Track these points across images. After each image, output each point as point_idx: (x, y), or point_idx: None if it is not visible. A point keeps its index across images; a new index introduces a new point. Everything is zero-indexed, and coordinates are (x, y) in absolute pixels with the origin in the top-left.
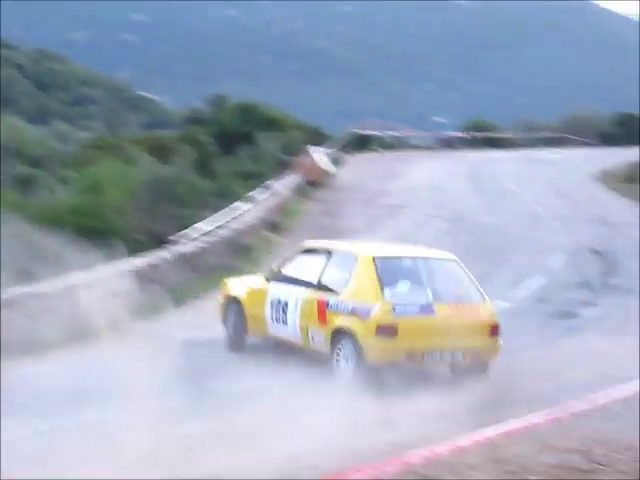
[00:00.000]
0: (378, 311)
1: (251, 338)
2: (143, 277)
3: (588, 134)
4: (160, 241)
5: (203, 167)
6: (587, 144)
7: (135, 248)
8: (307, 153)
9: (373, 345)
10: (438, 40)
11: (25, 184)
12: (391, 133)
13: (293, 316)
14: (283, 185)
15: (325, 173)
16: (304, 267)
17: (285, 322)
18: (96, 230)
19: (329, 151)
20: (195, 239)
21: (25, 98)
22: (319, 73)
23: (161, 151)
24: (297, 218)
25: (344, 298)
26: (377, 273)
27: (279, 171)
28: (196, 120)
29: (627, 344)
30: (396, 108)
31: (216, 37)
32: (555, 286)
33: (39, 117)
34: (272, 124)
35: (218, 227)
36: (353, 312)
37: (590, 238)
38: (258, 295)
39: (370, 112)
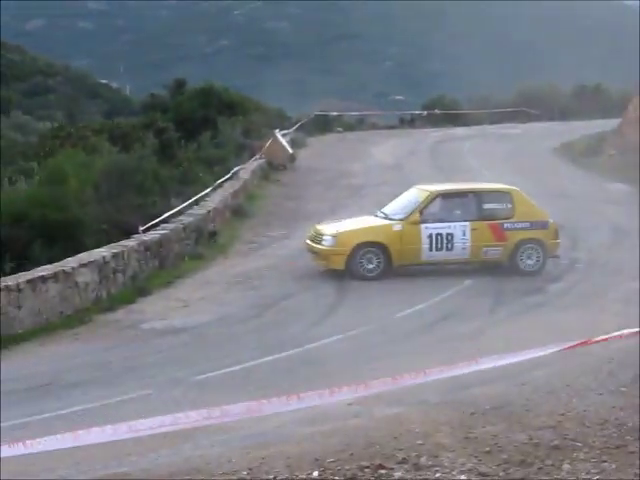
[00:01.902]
0: (552, 223)
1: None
2: (107, 268)
3: (546, 108)
4: (124, 230)
5: (165, 154)
6: (546, 118)
7: (99, 238)
8: (269, 136)
9: (551, 244)
10: (394, 19)
11: None
12: (352, 113)
13: (462, 242)
14: (246, 169)
15: (288, 156)
16: (448, 207)
17: (450, 248)
18: (59, 221)
19: (291, 133)
20: (158, 227)
21: None
22: (278, 55)
23: (122, 139)
24: (261, 202)
25: (517, 220)
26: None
27: (241, 155)
28: (156, 106)
29: (589, 318)
30: (356, 88)
31: (174, 22)
32: None
33: None
34: (232, 108)
35: (181, 214)
36: (532, 227)
37: (553, 212)
38: (409, 235)
39: (330, 93)
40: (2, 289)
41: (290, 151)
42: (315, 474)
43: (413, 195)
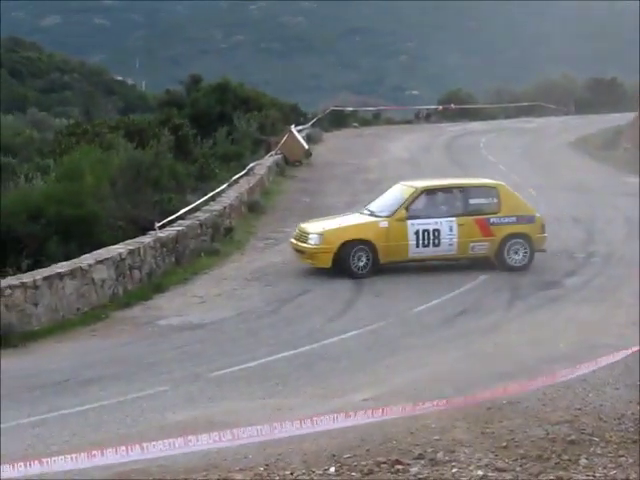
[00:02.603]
0: (538, 217)
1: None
2: (124, 264)
3: (562, 102)
4: (140, 227)
5: (181, 150)
6: (562, 112)
7: (115, 235)
8: (285, 132)
9: (538, 238)
10: (410, 13)
11: (1, 174)
12: (368, 109)
13: (449, 238)
14: (262, 165)
15: (304, 151)
16: (434, 203)
17: (437, 244)
18: (75, 218)
19: (307, 129)
20: (174, 223)
21: None
22: (294, 50)
23: (138, 135)
24: (277, 198)
25: (504, 214)
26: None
27: (257, 151)
28: (172, 103)
29: (607, 312)
30: (371, 83)
31: (189, 18)
32: (537, 255)
33: (14, 106)
34: (248, 104)
35: (198, 210)
36: (519, 221)
37: (569, 206)
38: (395, 232)
39: (346, 88)
40: (19, 286)
41: (306, 146)
42: (332, 470)
43: (398, 191)
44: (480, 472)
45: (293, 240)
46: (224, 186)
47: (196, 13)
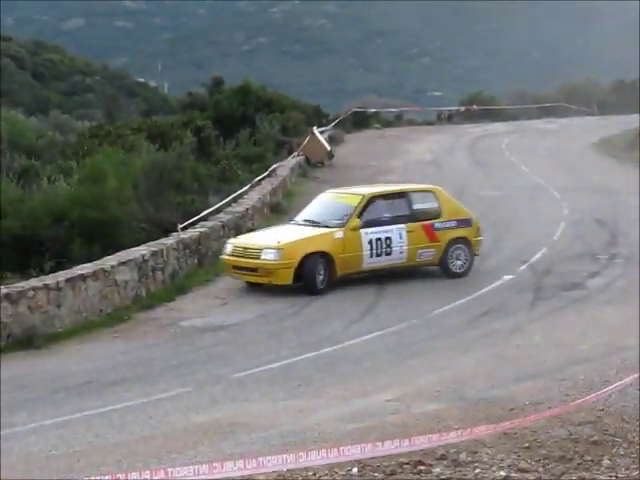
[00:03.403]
0: (475, 220)
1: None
2: (146, 266)
3: (585, 103)
4: (163, 229)
5: (203, 152)
6: (584, 113)
7: (138, 237)
8: (307, 133)
9: (475, 242)
10: (432, 15)
11: (25, 176)
12: (390, 110)
13: (399, 245)
14: (284, 167)
15: (326, 153)
16: (383, 210)
17: (389, 253)
18: (98, 220)
19: (329, 130)
20: (197, 225)
21: (22, 90)
22: (316, 53)
23: (160, 137)
24: (299, 199)
25: (446, 219)
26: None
27: (280, 153)
28: (194, 105)
29: (631, 313)
30: (394, 85)
31: (211, 20)
32: (560, 257)
33: (37, 108)
34: (270, 106)
35: (220, 212)
36: (459, 225)
37: (593, 208)
38: (351, 242)
39: (368, 90)
40: (42, 288)
41: (328, 148)
42: (354, 470)
43: (329, 199)
44: (503, 473)
45: (229, 257)
46: (246, 187)
47: (218, 16)
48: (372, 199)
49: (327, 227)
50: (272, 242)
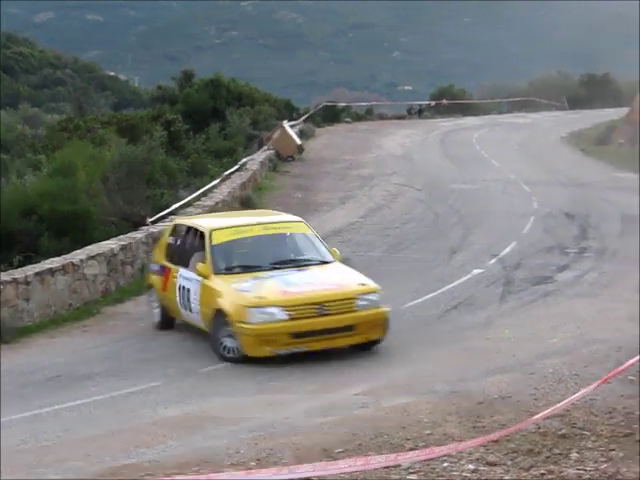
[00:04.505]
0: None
1: None
2: (116, 260)
3: (556, 97)
4: (132, 222)
5: (173, 146)
6: (555, 107)
7: (107, 231)
8: (277, 127)
9: None
10: (404, 8)
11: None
12: (361, 104)
13: None
14: (254, 161)
15: (296, 147)
16: None
17: None
18: (68, 214)
19: (299, 124)
20: (167, 219)
21: None
22: (288, 46)
23: (130, 131)
24: (269, 193)
25: None
26: None
27: (250, 147)
28: (165, 98)
29: (600, 306)
30: (365, 78)
31: (183, 14)
32: (529, 251)
33: (6, 102)
34: (241, 99)
35: (190, 205)
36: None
37: (562, 202)
38: None
39: (340, 83)
40: (10, 282)
41: (299, 142)
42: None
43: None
44: (471, 466)
45: (275, 324)
46: (216, 181)
47: (190, 9)
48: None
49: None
50: (358, 282)
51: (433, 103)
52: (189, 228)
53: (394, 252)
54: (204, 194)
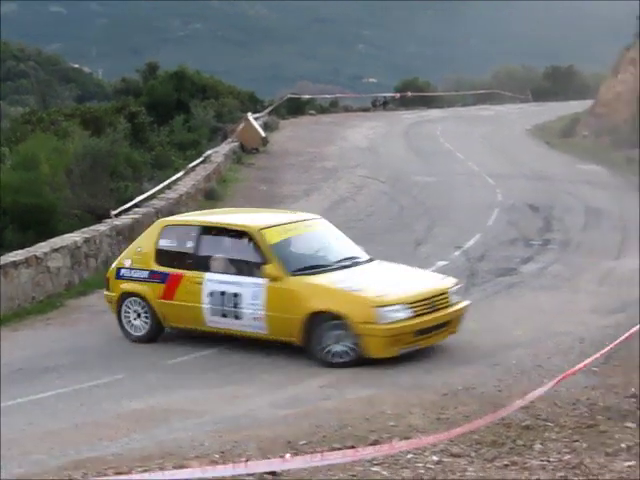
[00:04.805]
0: None
1: None
2: (79, 252)
3: (520, 89)
4: (96, 215)
5: (137, 138)
6: (519, 99)
7: (71, 223)
8: (242, 120)
9: None
10: (368, 2)
11: None
12: (325, 96)
13: None
14: (218, 153)
15: (261, 139)
16: None
17: None
18: (31, 207)
19: (263, 117)
20: (130, 211)
21: None
22: (253, 39)
23: (94, 123)
24: (234, 185)
25: None
26: None
27: (214, 139)
28: (129, 91)
29: (563, 298)
30: (330, 71)
31: (147, 6)
32: (493, 243)
33: None
34: (205, 92)
35: (154, 198)
36: None
37: (527, 194)
38: None
39: (305, 77)
40: None
41: (263, 134)
42: (287, 456)
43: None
44: (435, 457)
45: (405, 322)
46: (180, 174)
47: (154, 2)
48: None
49: None
50: (441, 278)
51: (398, 95)
52: (208, 228)
53: (358, 245)
54: (168, 187)
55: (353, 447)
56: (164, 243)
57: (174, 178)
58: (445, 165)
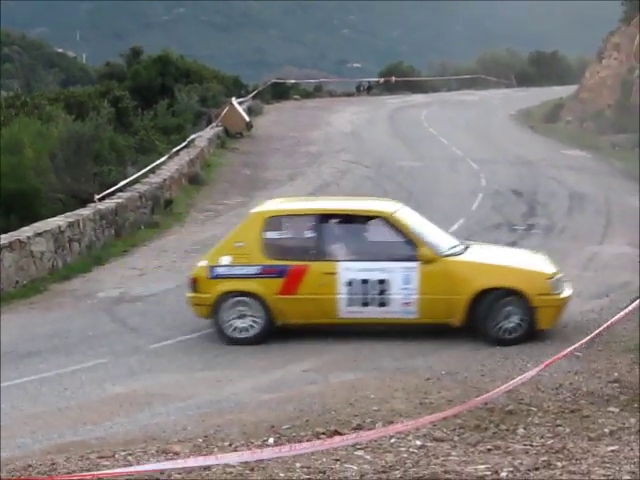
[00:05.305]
0: None
1: None
2: (63, 237)
3: (504, 74)
4: (80, 199)
5: (121, 122)
6: (504, 84)
7: (55, 208)
8: (226, 104)
9: None
10: None
11: None
12: (309, 81)
13: None
14: (202, 137)
15: (245, 123)
16: None
17: None
18: (15, 191)
19: (248, 101)
20: (114, 196)
21: None
22: (237, 24)
23: (78, 108)
24: (218, 170)
25: None
26: None
27: (198, 123)
28: (113, 75)
29: None
30: (315, 56)
31: None
32: (477, 228)
33: None
34: (189, 76)
35: (137, 182)
36: None
37: (510, 179)
38: None
39: (289, 61)
40: None
41: (247, 119)
42: (271, 441)
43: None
44: (418, 442)
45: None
46: (164, 158)
47: None
48: None
49: None
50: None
51: (382, 80)
52: (327, 216)
53: None
54: (152, 171)
55: (337, 432)
56: (272, 235)
57: (158, 162)
58: (429, 150)
